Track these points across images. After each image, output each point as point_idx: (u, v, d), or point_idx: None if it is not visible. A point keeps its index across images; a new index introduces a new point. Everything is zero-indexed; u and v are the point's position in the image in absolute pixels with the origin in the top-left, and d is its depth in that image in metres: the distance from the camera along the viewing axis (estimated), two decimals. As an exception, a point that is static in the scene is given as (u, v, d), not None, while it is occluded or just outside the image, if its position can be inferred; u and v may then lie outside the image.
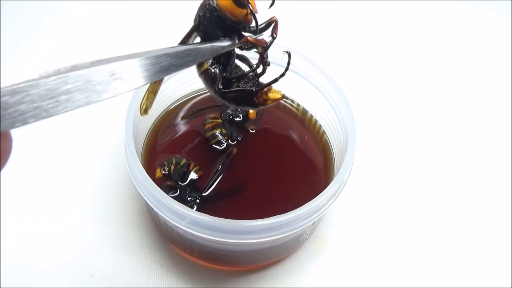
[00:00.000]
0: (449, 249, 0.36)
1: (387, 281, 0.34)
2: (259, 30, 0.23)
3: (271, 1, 0.24)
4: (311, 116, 0.38)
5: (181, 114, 0.37)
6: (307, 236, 0.34)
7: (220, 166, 0.34)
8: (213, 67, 0.24)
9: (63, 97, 0.15)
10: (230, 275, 0.34)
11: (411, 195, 0.39)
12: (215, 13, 0.22)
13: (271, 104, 0.24)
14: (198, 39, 0.25)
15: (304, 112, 0.38)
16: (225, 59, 0.24)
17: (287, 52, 0.24)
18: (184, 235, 0.30)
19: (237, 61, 0.26)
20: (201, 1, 0.23)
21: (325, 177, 0.35)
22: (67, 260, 0.34)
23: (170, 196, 0.28)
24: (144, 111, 0.28)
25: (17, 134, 0.16)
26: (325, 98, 0.35)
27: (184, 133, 0.36)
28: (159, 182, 0.32)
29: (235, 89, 0.24)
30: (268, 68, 0.24)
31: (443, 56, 0.50)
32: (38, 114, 0.15)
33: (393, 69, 0.49)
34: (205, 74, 0.24)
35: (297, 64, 0.35)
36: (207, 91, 0.39)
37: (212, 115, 0.37)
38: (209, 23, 0.23)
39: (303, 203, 0.27)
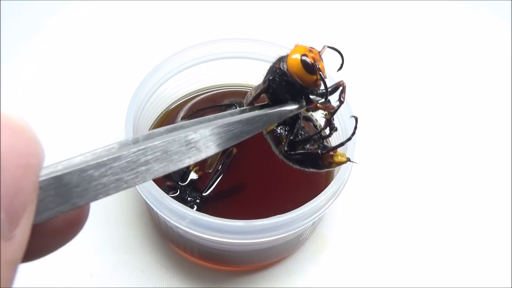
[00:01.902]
0: (449, 249, 0.36)
1: (387, 281, 0.34)
2: (327, 93, 0.23)
3: (340, 64, 0.24)
4: (311, 116, 0.38)
5: (181, 114, 0.37)
6: (307, 236, 0.34)
7: (220, 166, 0.34)
8: (279, 128, 0.24)
9: (143, 168, 0.15)
10: (230, 275, 0.34)
11: (411, 195, 0.39)
12: (285, 77, 0.22)
13: (335, 167, 0.24)
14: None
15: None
16: (291, 120, 0.24)
17: (354, 116, 0.24)
18: (184, 235, 0.30)
19: (303, 122, 0.26)
20: (271, 64, 0.23)
21: (325, 177, 0.35)
22: (67, 260, 0.34)
23: (170, 196, 0.28)
24: (209, 167, 0.33)
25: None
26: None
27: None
28: (159, 182, 0.32)
29: (301, 151, 0.24)
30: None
31: (443, 56, 0.50)
32: (119, 186, 0.15)
33: (393, 69, 0.49)
34: (271, 135, 0.25)
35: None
36: (207, 91, 0.39)
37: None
38: (279, 87, 0.22)
39: (303, 203, 0.27)
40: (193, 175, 0.34)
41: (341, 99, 0.23)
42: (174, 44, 0.37)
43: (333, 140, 0.35)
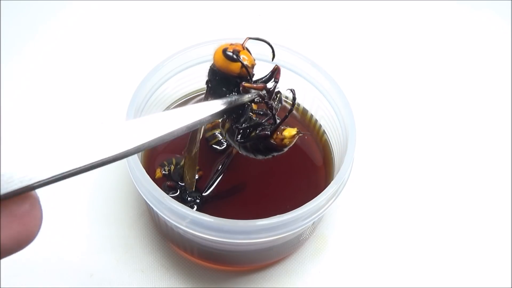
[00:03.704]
0: (449, 249, 0.36)
1: (387, 281, 0.34)
2: (264, 80, 0.24)
3: (272, 53, 0.25)
4: (311, 116, 0.38)
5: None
6: (307, 236, 0.34)
7: (220, 166, 0.34)
8: (232, 124, 0.25)
9: None
10: (230, 275, 0.34)
11: (411, 195, 0.39)
12: (217, 74, 0.24)
13: (290, 143, 0.24)
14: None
15: (304, 112, 0.38)
16: (239, 113, 0.25)
17: (291, 89, 0.25)
18: (184, 235, 0.30)
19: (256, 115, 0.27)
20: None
21: (325, 177, 0.35)
22: (67, 260, 0.34)
23: (170, 196, 0.28)
24: (191, 186, 0.32)
25: (17, 134, 0.16)
26: (325, 98, 0.35)
27: (185, 133, 0.36)
28: (159, 182, 0.32)
29: (252, 136, 0.24)
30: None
31: (443, 56, 0.50)
32: None
33: (393, 69, 0.49)
34: (228, 133, 0.26)
35: (297, 64, 0.35)
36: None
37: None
38: (216, 84, 0.24)
39: (303, 203, 0.27)
40: (193, 175, 0.34)
41: (276, 79, 0.25)
42: (174, 44, 0.37)
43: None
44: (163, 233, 0.34)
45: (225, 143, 0.36)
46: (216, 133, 0.36)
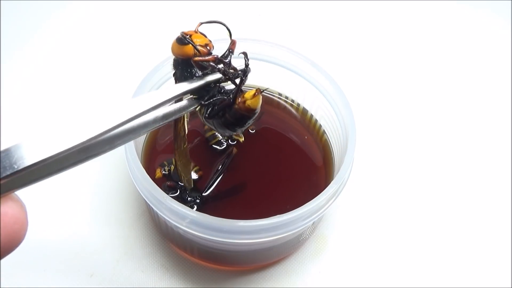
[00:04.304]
0: (449, 249, 0.36)
1: (387, 281, 0.34)
2: (223, 56, 0.25)
3: (228, 33, 0.26)
4: (311, 116, 0.38)
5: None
6: (307, 236, 0.34)
7: (220, 166, 0.34)
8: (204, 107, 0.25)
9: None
10: (230, 275, 0.34)
11: (411, 195, 0.39)
12: (179, 64, 0.25)
13: (255, 105, 0.24)
14: None
15: (304, 112, 0.38)
16: (203, 92, 0.25)
17: (243, 53, 0.25)
18: (184, 235, 0.30)
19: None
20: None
21: (325, 177, 0.35)
22: (67, 260, 0.34)
23: (170, 196, 0.28)
24: (189, 183, 0.31)
25: (17, 134, 0.16)
26: (325, 98, 0.35)
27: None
28: (159, 182, 0.32)
29: (216, 107, 0.25)
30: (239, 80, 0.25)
31: (443, 56, 0.50)
32: None
33: (393, 69, 0.49)
34: (203, 118, 0.26)
35: (297, 64, 0.35)
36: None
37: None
38: (180, 73, 0.25)
39: (303, 203, 0.27)
40: (193, 175, 0.34)
41: (230, 50, 0.25)
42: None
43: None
44: (163, 233, 0.34)
45: (225, 143, 0.36)
46: (216, 133, 0.36)
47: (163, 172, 0.33)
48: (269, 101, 0.39)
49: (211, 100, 0.25)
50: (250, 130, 0.37)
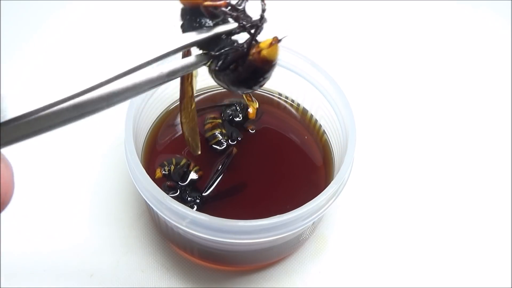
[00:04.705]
0: (449, 249, 0.36)
1: (387, 281, 0.34)
2: (240, 2, 0.22)
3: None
4: (311, 116, 0.38)
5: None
6: (307, 236, 0.34)
7: (220, 166, 0.34)
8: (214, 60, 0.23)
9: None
10: (230, 275, 0.34)
11: (411, 195, 0.39)
12: (187, 14, 0.22)
13: (272, 56, 0.22)
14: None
15: (304, 112, 0.38)
16: (215, 43, 0.23)
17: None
18: (184, 235, 0.30)
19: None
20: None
21: (325, 177, 0.35)
22: (67, 260, 0.34)
23: (170, 196, 0.28)
24: (195, 149, 0.30)
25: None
26: (325, 98, 0.35)
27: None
28: (159, 182, 0.32)
29: (227, 60, 0.22)
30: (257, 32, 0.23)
31: (443, 56, 0.50)
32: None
33: (393, 69, 0.49)
34: (213, 74, 0.24)
35: (297, 64, 0.35)
36: (207, 91, 0.39)
37: (212, 115, 0.37)
38: (188, 24, 0.22)
39: (303, 203, 0.27)
40: (193, 175, 0.34)
41: None
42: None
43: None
44: (163, 233, 0.34)
45: (225, 143, 0.36)
46: (216, 133, 0.36)
47: (163, 172, 0.33)
48: (269, 101, 0.39)
49: (222, 50, 0.22)
50: (250, 130, 0.37)
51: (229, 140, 0.36)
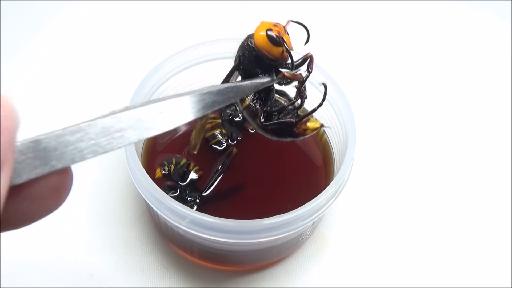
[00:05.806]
0: (449, 249, 0.36)
1: (387, 281, 0.34)
2: (295, 66, 0.24)
3: (306, 38, 0.25)
4: (311, 116, 0.38)
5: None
6: (307, 236, 0.34)
7: (220, 166, 0.34)
8: (254, 102, 0.25)
9: (117, 134, 0.17)
10: (230, 275, 0.34)
11: (411, 195, 0.39)
12: (254, 53, 0.23)
13: (310, 134, 0.25)
14: (239, 78, 0.26)
15: (304, 112, 0.38)
16: (265, 94, 0.25)
17: (323, 84, 0.25)
18: (184, 235, 0.30)
19: (277, 96, 0.27)
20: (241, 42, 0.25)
21: (325, 177, 0.35)
22: (67, 260, 0.34)
23: (170, 196, 0.28)
24: (193, 147, 0.30)
25: (17, 135, 0.16)
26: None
27: (184, 133, 0.36)
28: (159, 182, 0.32)
29: (276, 121, 0.25)
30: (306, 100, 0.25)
31: (443, 56, 0.50)
32: (95, 150, 0.16)
33: (393, 69, 0.49)
34: (247, 110, 0.26)
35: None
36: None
37: (212, 115, 0.37)
38: (248, 62, 0.24)
39: (303, 203, 0.27)
40: (193, 175, 0.34)
41: (309, 69, 0.24)
42: (174, 44, 0.37)
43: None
44: (163, 233, 0.34)
45: (225, 143, 0.36)
46: (216, 133, 0.36)
47: (163, 172, 0.33)
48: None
49: (275, 109, 0.25)
50: (250, 130, 0.37)
51: (229, 140, 0.36)
